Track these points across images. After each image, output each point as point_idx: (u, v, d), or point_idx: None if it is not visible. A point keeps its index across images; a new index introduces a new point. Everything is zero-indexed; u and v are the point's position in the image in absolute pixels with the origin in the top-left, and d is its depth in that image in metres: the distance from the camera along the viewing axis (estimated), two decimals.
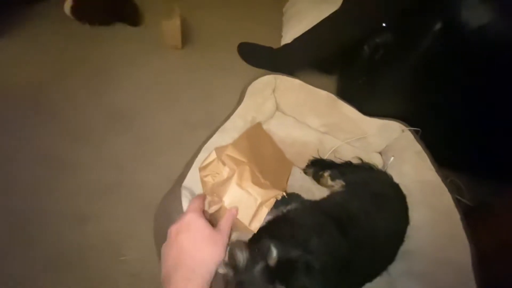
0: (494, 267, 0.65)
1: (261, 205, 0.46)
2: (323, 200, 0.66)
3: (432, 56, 0.81)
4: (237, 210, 0.45)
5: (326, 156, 0.86)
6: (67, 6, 1.31)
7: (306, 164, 0.82)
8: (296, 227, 0.52)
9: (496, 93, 0.83)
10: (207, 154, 0.69)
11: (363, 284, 0.58)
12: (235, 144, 0.53)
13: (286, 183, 0.65)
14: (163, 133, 1.01)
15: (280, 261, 0.40)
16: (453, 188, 0.90)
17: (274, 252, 0.40)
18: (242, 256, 0.41)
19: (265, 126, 0.91)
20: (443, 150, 0.83)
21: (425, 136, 0.84)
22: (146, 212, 0.76)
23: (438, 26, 0.78)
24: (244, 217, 0.45)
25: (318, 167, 0.80)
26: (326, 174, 0.76)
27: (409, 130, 0.86)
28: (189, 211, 0.42)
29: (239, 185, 0.46)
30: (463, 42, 0.75)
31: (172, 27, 1.26)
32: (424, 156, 0.78)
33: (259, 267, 0.40)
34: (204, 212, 0.45)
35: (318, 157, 0.84)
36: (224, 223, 0.43)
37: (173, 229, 0.41)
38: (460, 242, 0.59)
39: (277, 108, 0.98)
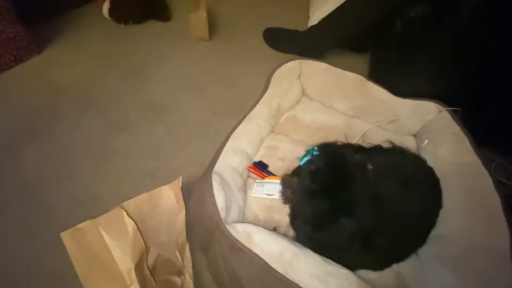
0: None
1: None
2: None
3: (473, 28, 0.74)
4: None
5: (354, 140, 0.85)
6: (105, 8, 1.42)
7: None
8: None
9: None
10: (235, 141, 0.73)
11: (390, 264, 0.58)
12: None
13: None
14: (193, 122, 1.07)
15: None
16: (497, 171, 0.83)
17: None
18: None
19: (290, 112, 0.92)
20: (488, 131, 0.76)
21: (466, 117, 0.78)
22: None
23: None
24: None
25: None
26: None
27: (447, 110, 0.81)
28: None
29: None
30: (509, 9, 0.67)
31: (199, 19, 1.30)
32: (463, 138, 0.73)
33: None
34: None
35: (345, 141, 0.83)
36: None
37: None
38: (498, 227, 0.56)
39: (303, 93, 0.98)
